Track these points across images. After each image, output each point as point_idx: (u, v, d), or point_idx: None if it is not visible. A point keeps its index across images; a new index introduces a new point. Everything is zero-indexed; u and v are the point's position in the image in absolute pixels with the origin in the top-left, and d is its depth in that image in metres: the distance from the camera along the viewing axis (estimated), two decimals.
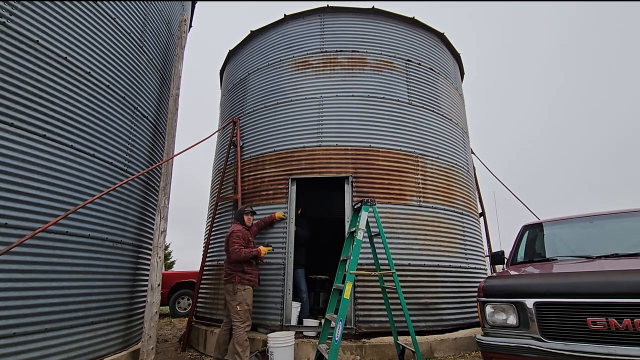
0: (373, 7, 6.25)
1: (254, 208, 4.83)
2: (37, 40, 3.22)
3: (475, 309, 5.34)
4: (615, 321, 2.22)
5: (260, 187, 5.54)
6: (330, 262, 6.26)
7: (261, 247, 4.33)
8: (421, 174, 5.55)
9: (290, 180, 5.35)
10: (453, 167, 6.08)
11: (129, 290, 4.35)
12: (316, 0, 7.12)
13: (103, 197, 3.83)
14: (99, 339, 3.69)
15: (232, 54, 7.41)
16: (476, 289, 4.14)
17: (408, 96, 5.95)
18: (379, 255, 4.34)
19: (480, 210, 7.12)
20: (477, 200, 6.99)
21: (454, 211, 5.71)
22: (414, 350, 3.79)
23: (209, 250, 5.86)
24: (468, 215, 6.03)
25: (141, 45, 4.80)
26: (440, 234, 5.37)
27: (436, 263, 5.16)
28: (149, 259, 4.94)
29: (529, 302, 2.55)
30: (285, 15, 6.45)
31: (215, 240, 5.88)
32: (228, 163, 6.07)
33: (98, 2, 3.97)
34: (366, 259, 4.75)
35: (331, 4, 6.30)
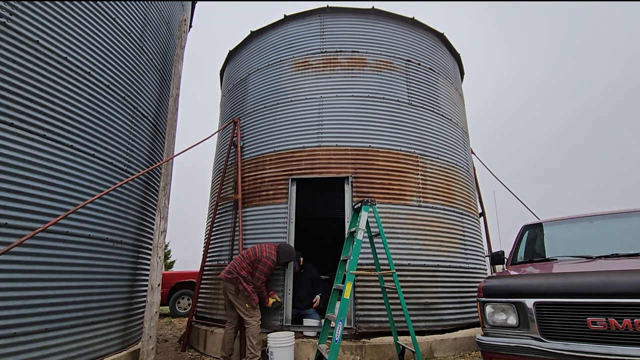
0: (373, 7, 6.25)
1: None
2: (37, 40, 3.23)
3: (475, 309, 5.35)
4: (615, 321, 2.22)
5: (261, 187, 5.54)
6: (330, 262, 6.27)
7: (270, 299, 4.50)
8: (421, 174, 5.55)
9: (290, 180, 5.35)
10: (453, 167, 6.08)
11: (129, 290, 4.35)
12: (316, 1, 7.13)
13: (103, 197, 3.83)
14: (99, 339, 3.69)
15: (232, 54, 7.41)
16: (476, 289, 4.15)
17: (408, 96, 5.95)
18: (379, 255, 4.34)
19: (480, 210, 7.12)
20: (477, 200, 6.99)
21: (453, 211, 5.71)
22: (413, 350, 3.79)
23: (209, 250, 5.86)
24: (468, 216, 6.03)
25: (141, 45, 4.80)
26: (440, 234, 5.37)
27: (436, 263, 5.16)
28: (149, 259, 4.94)
29: (529, 302, 2.55)
30: (285, 15, 6.45)
31: (216, 240, 5.88)
32: (228, 163, 6.07)
33: (98, 2, 3.97)
34: (366, 259, 4.75)
35: (331, 4, 6.30)
